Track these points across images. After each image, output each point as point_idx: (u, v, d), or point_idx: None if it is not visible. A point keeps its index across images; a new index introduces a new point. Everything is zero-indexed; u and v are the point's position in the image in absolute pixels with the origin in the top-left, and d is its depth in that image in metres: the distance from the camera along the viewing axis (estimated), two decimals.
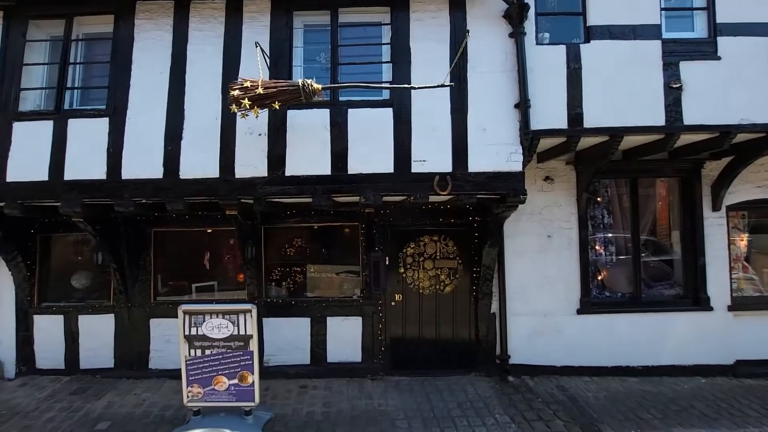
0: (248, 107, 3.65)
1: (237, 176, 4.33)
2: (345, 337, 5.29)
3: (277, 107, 3.72)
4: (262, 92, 3.61)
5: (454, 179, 4.28)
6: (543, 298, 5.34)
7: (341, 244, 5.63)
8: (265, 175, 4.32)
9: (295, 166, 4.33)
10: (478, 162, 4.31)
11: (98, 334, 5.38)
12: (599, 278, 5.63)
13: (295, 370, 5.25)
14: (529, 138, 4.32)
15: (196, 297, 5.56)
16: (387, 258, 5.30)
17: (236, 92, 3.63)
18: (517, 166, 4.31)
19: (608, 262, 5.69)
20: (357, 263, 5.43)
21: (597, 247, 5.66)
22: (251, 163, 4.34)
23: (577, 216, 5.39)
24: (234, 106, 3.68)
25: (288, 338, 5.29)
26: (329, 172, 4.32)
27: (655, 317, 5.36)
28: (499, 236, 4.96)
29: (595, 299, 5.43)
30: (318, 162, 4.33)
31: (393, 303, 5.41)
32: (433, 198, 4.48)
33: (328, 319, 5.30)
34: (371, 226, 5.15)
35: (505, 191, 4.28)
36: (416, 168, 4.31)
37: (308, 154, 4.34)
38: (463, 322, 5.43)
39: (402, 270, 5.43)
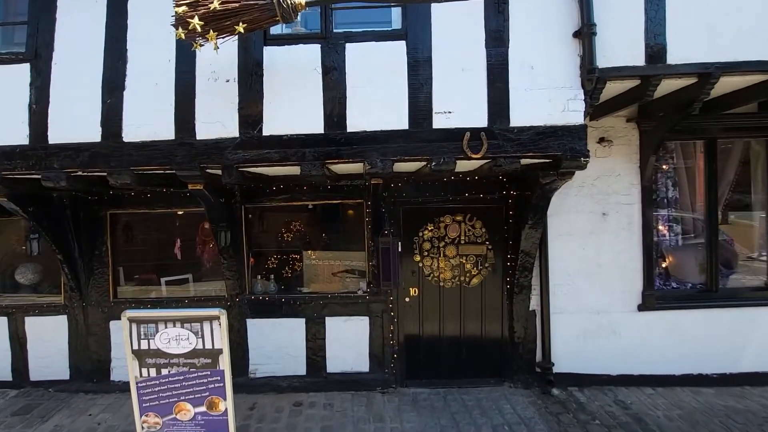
0: (199, 31, 2.52)
1: (198, 138, 3.25)
2: (348, 342, 4.29)
3: (242, 31, 2.58)
4: (218, 7, 2.47)
5: (491, 137, 3.15)
6: (595, 292, 4.27)
7: (343, 227, 4.57)
8: (236, 135, 3.23)
9: (275, 123, 3.23)
10: (524, 113, 3.17)
11: (50, 339, 4.44)
12: (663, 265, 4.52)
13: (287, 382, 4.27)
14: (593, 79, 3.15)
15: (166, 293, 4.57)
16: (399, 243, 4.23)
17: (182, 8, 2.50)
18: (576, 118, 3.16)
19: (674, 246, 4.57)
20: (362, 249, 4.36)
21: (660, 227, 4.54)
22: (217, 119, 3.24)
23: (639, 188, 4.25)
24: (180, 29, 2.56)
25: (278, 343, 4.30)
26: (322, 131, 3.22)
27: (734, 313, 4.29)
28: (543, 214, 3.85)
29: (659, 292, 4.35)
30: (307, 117, 3.22)
31: (407, 299, 4.37)
32: (461, 165, 3.37)
33: (328, 319, 4.28)
34: (379, 203, 4.07)
35: (559, 152, 3.15)
36: (439, 122, 3.18)
37: (293, 106, 3.23)
38: (495, 322, 4.39)
39: (418, 258, 4.37)
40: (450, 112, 3.18)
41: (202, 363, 3.01)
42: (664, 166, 4.49)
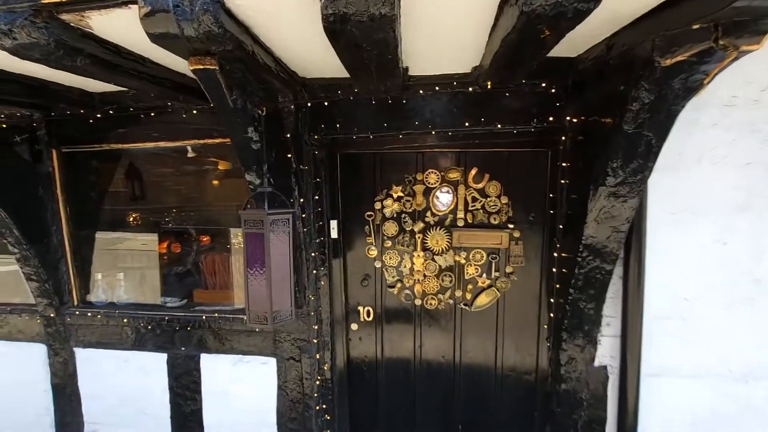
0: None
1: None
2: (242, 399, 2.37)
3: None
4: None
5: None
6: (740, 335, 2.02)
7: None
8: None
9: None
10: None
11: None
12: None
13: None
14: None
15: None
16: (336, 222, 2.19)
17: None
18: None
19: None
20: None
21: None
22: None
23: None
24: None
25: (126, 393, 2.46)
26: None
27: None
28: (649, 162, 1.62)
29: None
30: None
31: (354, 327, 2.36)
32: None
33: (204, 358, 2.37)
34: (275, 134, 1.98)
35: None
36: None
37: None
38: (522, 382, 2.28)
39: (373, 252, 2.30)
40: None
41: None
42: None
